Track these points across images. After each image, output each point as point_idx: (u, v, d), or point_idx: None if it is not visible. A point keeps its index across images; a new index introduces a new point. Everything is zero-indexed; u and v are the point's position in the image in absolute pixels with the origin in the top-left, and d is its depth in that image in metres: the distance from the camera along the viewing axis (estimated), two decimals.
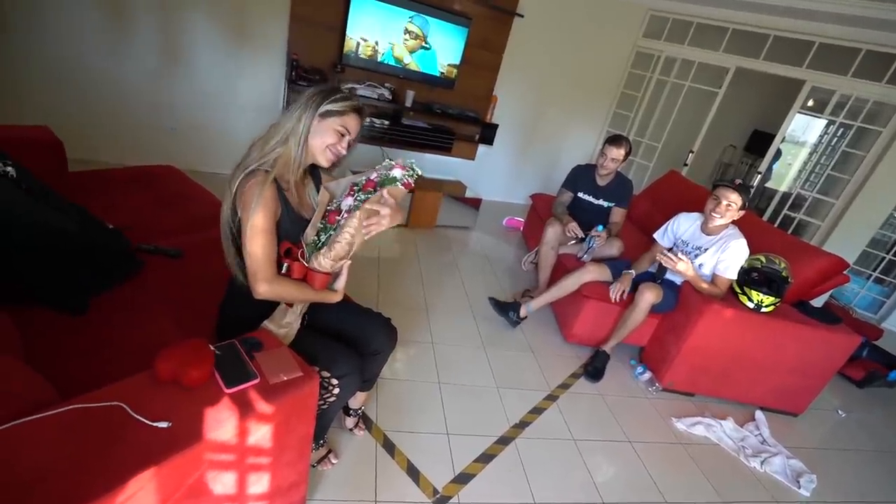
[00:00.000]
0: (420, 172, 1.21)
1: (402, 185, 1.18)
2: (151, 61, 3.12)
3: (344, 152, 1.26)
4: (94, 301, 1.33)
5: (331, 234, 1.19)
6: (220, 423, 0.88)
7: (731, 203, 2.16)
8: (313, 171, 1.36)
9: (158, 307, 1.41)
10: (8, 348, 0.98)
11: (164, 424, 0.83)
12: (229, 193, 1.16)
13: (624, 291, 2.34)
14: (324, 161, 1.24)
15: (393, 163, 1.20)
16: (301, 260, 1.20)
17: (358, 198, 1.17)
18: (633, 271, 2.42)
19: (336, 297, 1.29)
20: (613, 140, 2.69)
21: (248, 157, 1.19)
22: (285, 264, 1.19)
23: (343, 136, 1.23)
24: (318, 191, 1.33)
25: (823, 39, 3.57)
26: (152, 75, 3.16)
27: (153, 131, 3.30)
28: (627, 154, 2.69)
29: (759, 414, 2.42)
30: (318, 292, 1.24)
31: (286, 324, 1.23)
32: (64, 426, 0.79)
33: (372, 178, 1.19)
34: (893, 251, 4.01)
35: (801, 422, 2.50)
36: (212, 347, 1.00)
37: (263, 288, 1.14)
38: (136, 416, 0.83)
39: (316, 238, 1.21)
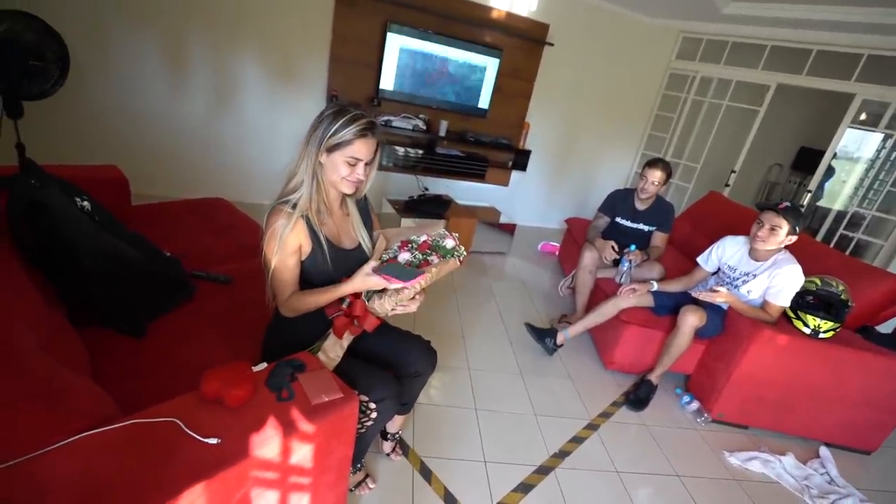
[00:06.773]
0: (465, 254, 1.32)
1: (459, 260, 1.29)
2: (204, 104, 3.39)
3: (361, 178, 1.22)
4: (151, 324, 1.43)
5: None
6: (266, 440, 0.91)
7: (776, 227, 2.02)
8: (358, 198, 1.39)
9: (209, 331, 1.49)
10: (79, 367, 1.07)
11: (214, 441, 0.87)
12: (262, 231, 1.21)
13: (633, 290, 2.35)
14: (346, 189, 1.24)
15: (446, 232, 1.31)
16: (363, 298, 1.25)
17: (416, 255, 1.26)
18: (654, 284, 2.37)
19: (347, 290, 1.22)
20: (652, 163, 2.65)
21: (278, 195, 1.23)
22: (347, 300, 1.25)
23: (354, 165, 1.19)
24: (360, 215, 1.36)
25: (872, 51, 3.43)
26: (204, 116, 3.42)
27: (205, 166, 3.56)
28: (668, 177, 2.65)
29: (823, 450, 2.22)
30: (337, 289, 1.23)
31: (335, 356, 1.27)
32: (125, 439, 0.85)
33: (426, 239, 1.29)
34: None
35: (874, 461, 2.28)
36: (255, 368, 1.05)
37: (285, 307, 1.25)
38: (188, 431, 0.88)
39: None
